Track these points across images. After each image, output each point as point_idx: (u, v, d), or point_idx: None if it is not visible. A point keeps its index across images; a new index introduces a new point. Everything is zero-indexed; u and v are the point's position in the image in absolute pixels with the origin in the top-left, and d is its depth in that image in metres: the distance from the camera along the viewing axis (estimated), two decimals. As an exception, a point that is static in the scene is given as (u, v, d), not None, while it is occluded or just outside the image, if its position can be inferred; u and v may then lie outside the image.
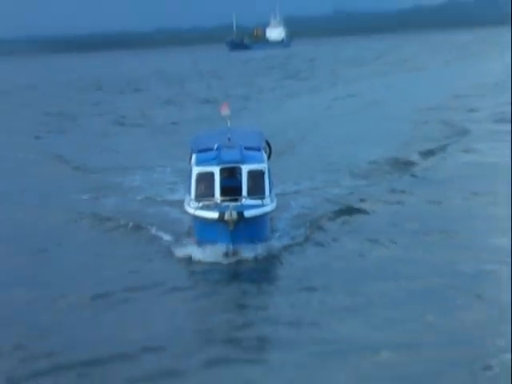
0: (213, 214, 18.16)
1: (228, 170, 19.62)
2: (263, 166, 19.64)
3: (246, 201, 18.83)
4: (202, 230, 18.82)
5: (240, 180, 19.31)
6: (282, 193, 24.19)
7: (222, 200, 18.83)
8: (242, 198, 18.91)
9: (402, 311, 14.90)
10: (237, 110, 23.03)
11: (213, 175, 19.19)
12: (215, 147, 19.99)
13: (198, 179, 19.41)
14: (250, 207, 18.46)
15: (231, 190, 19.17)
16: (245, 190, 19.10)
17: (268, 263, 18.48)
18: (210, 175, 19.22)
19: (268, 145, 21.81)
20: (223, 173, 19.35)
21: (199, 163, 19.68)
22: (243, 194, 19.02)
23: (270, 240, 19.26)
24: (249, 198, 18.94)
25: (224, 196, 18.95)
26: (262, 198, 19.13)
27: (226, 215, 17.70)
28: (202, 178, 19.35)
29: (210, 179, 19.18)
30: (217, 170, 19.20)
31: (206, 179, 19.28)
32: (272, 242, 19.23)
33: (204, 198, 19.10)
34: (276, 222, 20.90)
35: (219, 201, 18.86)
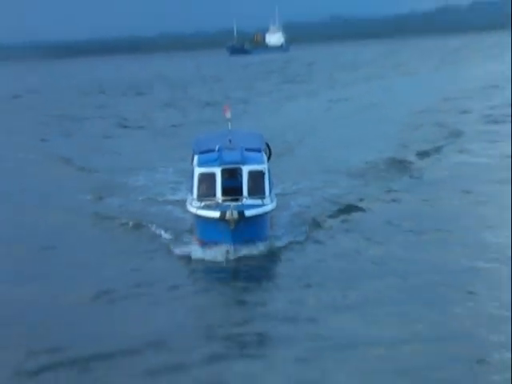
0: (214, 214, 18.14)
1: (229, 170, 19.58)
2: (263, 167, 19.61)
3: (246, 201, 18.81)
4: (204, 228, 18.80)
5: (241, 180, 19.29)
6: (282, 193, 24.20)
7: (224, 200, 18.83)
8: (243, 198, 18.89)
9: (398, 307, 14.86)
10: (237, 113, 22.95)
11: (214, 176, 19.16)
12: (217, 149, 19.95)
13: (200, 179, 19.39)
14: (251, 207, 18.45)
15: (232, 190, 19.15)
16: (245, 190, 19.08)
17: (268, 261, 18.47)
18: (212, 176, 19.20)
19: (268, 146, 21.77)
20: (224, 173, 19.35)
21: (201, 164, 19.64)
22: (244, 194, 19.01)
23: (269, 239, 19.23)
24: (249, 198, 18.92)
25: (225, 196, 18.94)
26: (262, 198, 19.12)
27: (228, 214, 17.70)
28: (204, 179, 19.33)
29: (212, 180, 19.16)
30: (218, 171, 19.18)
31: (207, 179, 19.25)
32: (272, 241, 19.20)
33: (206, 197, 19.08)
34: (276, 221, 20.81)
35: (220, 200, 18.85)
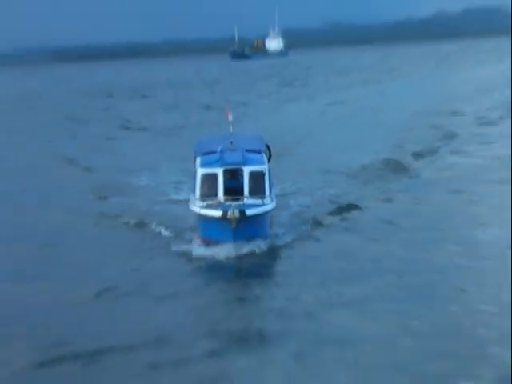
0: (216, 213, 18.14)
1: (231, 171, 19.56)
2: (263, 168, 19.59)
3: (247, 200, 18.79)
4: (206, 227, 18.78)
5: (242, 181, 19.27)
6: (282, 193, 24.14)
7: (225, 199, 18.81)
8: (244, 198, 18.87)
9: (394, 304, 14.80)
10: (237, 116, 22.96)
11: (216, 176, 19.15)
12: (218, 150, 19.92)
13: (203, 180, 19.36)
14: (252, 206, 18.44)
15: (234, 190, 19.14)
16: (246, 190, 19.07)
17: (268, 258, 18.41)
18: (214, 176, 19.18)
19: (268, 148, 21.75)
20: (226, 174, 19.33)
21: (204, 165, 19.62)
22: (245, 194, 18.99)
23: (270, 237, 19.21)
24: (250, 198, 18.91)
25: (227, 196, 18.93)
26: (263, 198, 19.10)
27: (229, 213, 17.71)
28: (207, 179, 19.30)
29: (214, 180, 19.15)
30: (220, 172, 19.16)
31: (210, 180, 19.23)
32: (272, 239, 19.18)
33: (208, 197, 19.06)
34: (276, 220, 20.76)
35: (222, 200, 18.83)
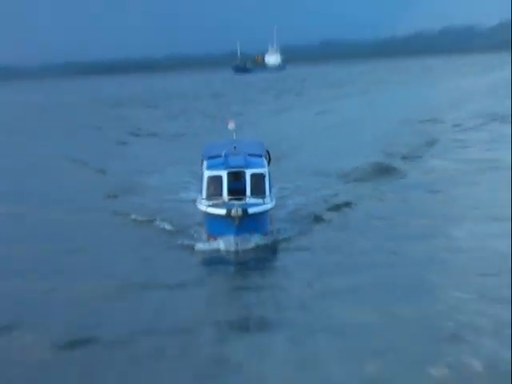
0: (221, 211, 18.11)
1: (234, 173, 19.49)
2: (264, 171, 19.59)
3: (249, 200, 18.79)
4: (212, 224, 18.74)
5: (244, 182, 19.23)
6: (280, 192, 24.03)
7: (229, 199, 18.82)
8: (246, 198, 18.87)
9: (384, 294, 14.70)
10: (238, 123, 22.91)
11: (221, 178, 19.15)
12: (223, 154, 19.94)
13: (209, 181, 19.36)
14: (253, 205, 18.43)
15: (237, 190, 19.12)
16: (248, 190, 19.07)
17: (268, 252, 18.38)
18: (219, 178, 19.18)
19: (268, 153, 21.70)
20: (230, 176, 19.28)
21: (210, 168, 19.60)
22: (247, 194, 18.99)
23: (269, 233, 19.19)
24: (252, 198, 18.91)
25: (231, 195, 18.94)
26: (263, 198, 19.08)
27: (233, 212, 17.70)
28: (212, 181, 19.29)
29: (219, 181, 19.15)
30: (225, 174, 19.16)
31: (215, 181, 19.23)
32: (271, 235, 19.16)
33: (214, 197, 19.05)
34: (275, 217, 20.68)
35: (227, 200, 18.83)
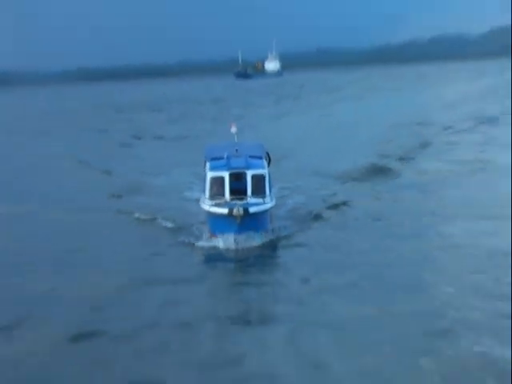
0: (223, 210, 18.09)
1: (236, 174, 19.42)
2: (264, 172, 19.55)
3: (250, 199, 18.75)
4: (215, 222, 18.70)
5: (245, 183, 19.18)
6: (280, 192, 23.97)
7: (231, 199, 18.79)
8: (247, 197, 18.83)
9: (382, 291, 14.63)
10: (239, 127, 22.86)
11: (223, 179, 19.12)
12: (225, 156, 19.91)
13: (212, 182, 19.32)
14: (254, 204, 18.39)
15: (238, 190, 19.08)
16: (249, 190, 19.02)
17: (268, 250, 18.31)
18: (221, 179, 19.14)
19: (268, 155, 21.66)
20: (232, 177, 19.23)
21: (212, 169, 19.57)
22: (248, 194, 18.94)
23: (269, 231, 19.13)
24: (252, 197, 18.85)
25: (232, 195, 18.89)
26: (263, 197, 19.04)
27: (234, 211, 17.68)
28: (215, 181, 19.26)
29: (221, 182, 19.12)
30: (226, 175, 19.12)
31: (217, 182, 19.19)
32: (271, 233, 19.11)
33: (216, 197, 19.01)
34: (275, 216, 20.61)
35: (228, 199, 18.80)
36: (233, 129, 22.16)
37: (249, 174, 19.18)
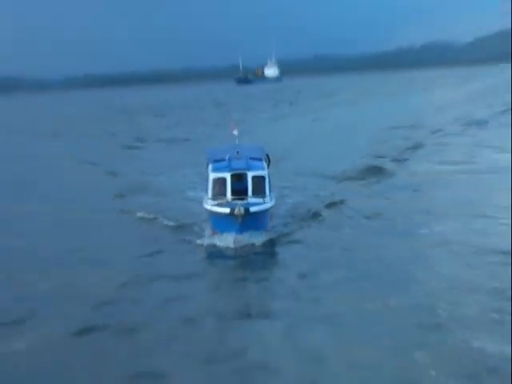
0: (225, 210, 17.98)
1: (237, 175, 19.34)
2: (264, 173, 19.47)
3: (251, 199, 18.66)
4: (217, 221, 18.61)
5: (246, 183, 19.11)
6: (279, 192, 23.85)
7: (233, 199, 18.70)
8: (248, 197, 18.74)
9: (375, 287, 14.48)
10: (239, 130, 22.80)
11: (225, 180, 19.04)
12: (227, 158, 19.83)
13: (214, 183, 19.25)
14: (254, 204, 18.30)
15: (239, 191, 19.00)
16: (250, 191, 18.94)
17: (268, 247, 18.17)
18: (223, 180, 19.07)
19: (267, 156, 21.57)
20: (233, 178, 19.16)
21: (214, 170, 19.48)
22: (249, 194, 18.86)
23: (269, 229, 19.02)
24: (253, 197, 18.77)
25: (234, 196, 18.82)
26: (264, 197, 18.95)
27: (236, 210, 17.58)
28: (217, 182, 19.19)
29: (223, 183, 19.04)
30: (228, 176, 19.05)
31: (219, 183, 19.12)
32: (271, 231, 18.99)
33: (218, 197, 18.94)
34: (275, 215, 20.50)
35: (230, 199, 18.72)
36: (234, 131, 22.18)
37: (249, 175, 19.10)
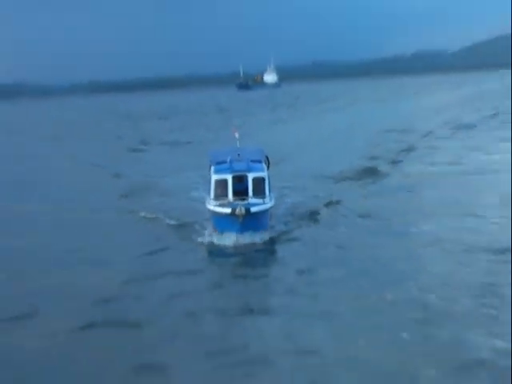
0: (227, 210, 18.01)
1: (238, 177, 19.37)
2: (264, 174, 19.50)
3: (251, 200, 18.66)
4: (219, 221, 18.62)
5: (247, 184, 19.14)
6: (278, 192, 23.88)
7: (234, 199, 18.71)
8: (249, 198, 18.74)
9: (370, 283, 14.52)
10: (240, 133, 22.86)
11: (227, 181, 19.06)
12: (228, 160, 19.85)
13: (216, 184, 19.27)
14: (255, 205, 18.31)
15: (240, 192, 19.02)
16: (250, 191, 18.96)
17: (267, 246, 18.18)
18: (225, 181, 19.09)
19: (267, 159, 21.61)
20: (234, 179, 19.18)
21: (217, 172, 19.50)
22: (249, 195, 18.87)
23: (269, 228, 19.01)
24: (253, 198, 18.78)
25: (235, 196, 18.83)
26: (264, 198, 18.96)
27: (237, 210, 17.61)
28: (219, 183, 19.21)
29: (225, 184, 19.06)
30: (230, 177, 19.07)
31: (221, 184, 19.13)
32: (271, 230, 19.01)
33: (220, 197, 18.95)
34: (274, 214, 20.54)
35: (231, 200, 18.72)
36: (236, 134, 22.25)
37: (250, 176, 19.13)
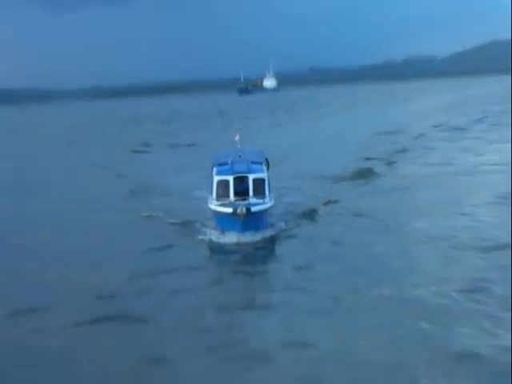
0: (228, 210, 17.91)
1: (239, 178, 19.23)
2: (264, 175, 19.40)
3: (252, 200, 18.55)
4: (220, 220, 18.50)
5: (247, 185, 19.00)
6: (278, 192, 23.69)
7: (235, 199, 18.59)
8: (249, 198, 18.62)
9: (365, 280, 14.34)
10: (240, 136, 22.73)
11: (228, 182, 18.94)
12: (229, 162, 19.72)
13: (218, 185, 19.15)
14: (255, 204, 18.22)
15: (241, 192, 18.90)
16: (251, 192, 18.84)
17: (267, 244, 18.05)
18: (226, 182, 18.98)
19: (267, 160, 21.45)
20: (236, 180, 19.06)
21: (218, 173, 19.38)
22: (250, 195, 18.75)
23: (269, 227, 18.88)
24: (254, 198, 18.66)
25: (236, 196, 18.72)
26: (264, 198, 18.86)
27: (238, 210, 17.51)
28: (221, 184, 19.09)
29: (226, 185, 18.94)
30: (231, 178, 18.95)
31: (223, 185, 19.02)
32: (271, 229, 18.86)
33: (222, 198, 18.84)
34: (274, 214, 20.36)
35: (233, 200, 18.61)
36: (236, 137, 22.17)
37: (250, 177, 19.00)
